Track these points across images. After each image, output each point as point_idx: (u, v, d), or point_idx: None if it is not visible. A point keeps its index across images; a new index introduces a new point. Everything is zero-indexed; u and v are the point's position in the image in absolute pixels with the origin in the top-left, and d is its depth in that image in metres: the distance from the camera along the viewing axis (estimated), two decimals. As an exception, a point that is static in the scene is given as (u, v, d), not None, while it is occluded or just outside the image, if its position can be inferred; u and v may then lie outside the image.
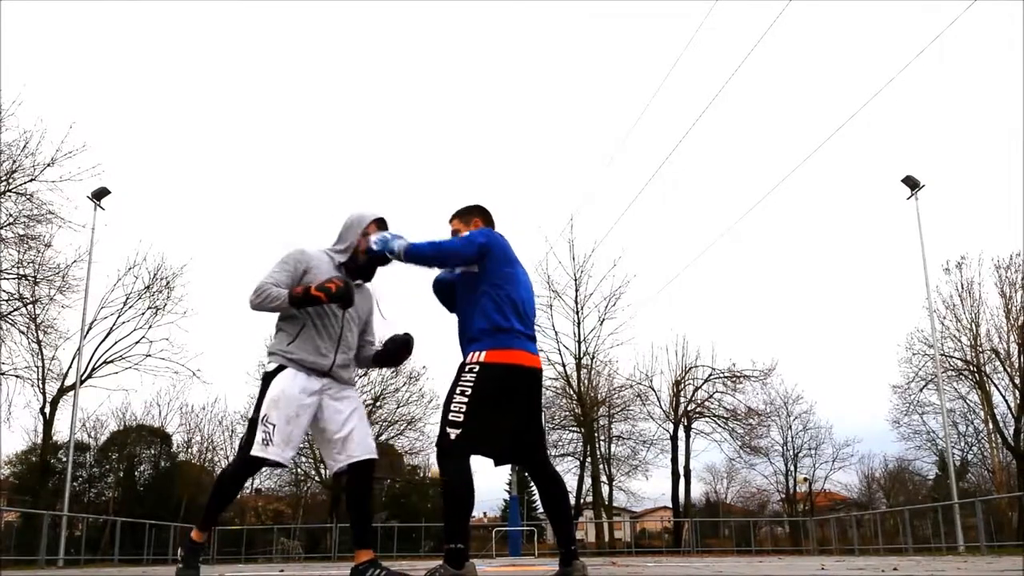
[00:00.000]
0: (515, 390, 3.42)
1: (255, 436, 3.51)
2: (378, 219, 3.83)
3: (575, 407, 28.79)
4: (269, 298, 3.56)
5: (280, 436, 3.48)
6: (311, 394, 3.58)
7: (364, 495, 3.64)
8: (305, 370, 3.58)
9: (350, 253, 3.79)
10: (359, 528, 3.65)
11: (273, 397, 3.52)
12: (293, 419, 3.51)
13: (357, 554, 3.63)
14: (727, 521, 33.66)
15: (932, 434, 27.88)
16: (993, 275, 25.35)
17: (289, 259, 3.67)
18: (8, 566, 16.25)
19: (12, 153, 17.62)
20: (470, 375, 3.37)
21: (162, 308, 23.61)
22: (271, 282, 3.58)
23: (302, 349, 3.59)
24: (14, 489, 27.90)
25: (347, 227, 3.83)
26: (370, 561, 3.58)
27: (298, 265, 3.65)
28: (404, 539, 26.83)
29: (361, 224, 3.80)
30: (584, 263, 28.20)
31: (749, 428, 30.46)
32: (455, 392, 3.37)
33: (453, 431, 3.30)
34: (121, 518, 22.17)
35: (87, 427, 28.48)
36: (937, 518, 21.10)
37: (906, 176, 21.78)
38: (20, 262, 18.77)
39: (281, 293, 3.56)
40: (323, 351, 3.63)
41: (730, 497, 37.79)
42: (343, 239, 3.82)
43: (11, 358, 20.63)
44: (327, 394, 3.64)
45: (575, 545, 3.54)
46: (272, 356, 3.64)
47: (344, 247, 3.80)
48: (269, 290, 3.56)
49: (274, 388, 3.54)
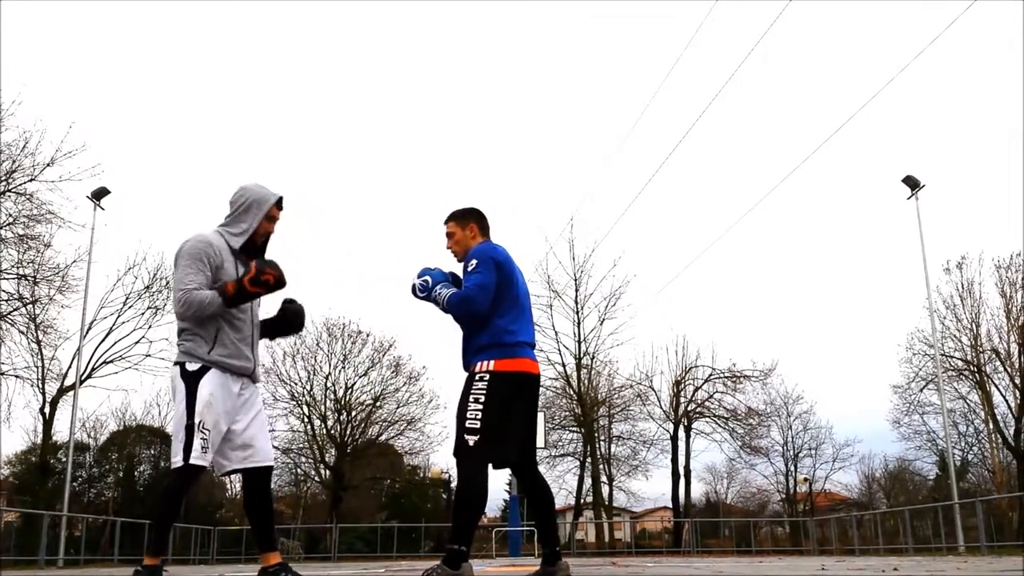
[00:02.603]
0: (522, 397, 3.52)
1: (192, 443, 3.31)
2: (279, 199, 3.58)
3: (575, 407, 28.77)
4: (201, 307, 3.32)
5: (212, 441, 3.37)
6: (233, 397, 3.47)
7: (265, 499, 3.57)
8: (231, 372, 3.45)
9: (246, 237, 3.50)
10: (263, 531, 3.58)
11: (205, 401, 3.34)
12: (219, 422, 3.39)
13: (264, 557, 3.53)
14: (727, 521, 33.67)
15: (932, 434, 27.92)
16: (993, 275, 25.39)
17: (200, 255, 3.37)
18: (8, 566, 16.24)
19: (12, 153, 17.62)
20: (481, 383, 3.43)
21: (162, 308, 23.60)
22: (193, 286, 3.32)
23: (224, 355, 3.42)
24: (14, 489, 27.91)
25: (244, 207, 3.51)
26: (280, 565, 3.51)
27: (211, 261, 3.39)
28: (404, 539, 26.81)
29: (262, 207, 3.52)
30: (584, 263, 28.23)
31: (749, 428, 30.48)
32: (469, 400, 3.42)
33: (471, 438, 3.35)
34: (121, 518, 22.14)
35: (87, 427, 28.56)
36: (937, 518, 21.08)
37: (906, 176, 21.77)
38: (20, 262, 18.77)
39: (211, 296, 3.33)
40: (245, 354, 3.50)
41: (730, 497, 37.85)
42: (240, 220, 3.50)
43: (11, 358, 20.64)
44: (243, 393, 3.53)
45: (559, 546, 3.65)
46: (191, 358, 3.41)
47: (240, 230, 3.50)
48: (196, 296, 3.32)
49: (203, 391, 3.35)
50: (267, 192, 3.57)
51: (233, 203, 3.56)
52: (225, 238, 3.50)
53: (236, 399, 3.48)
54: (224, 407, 3.41)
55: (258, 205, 3.52)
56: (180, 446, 3.33)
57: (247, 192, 3.55)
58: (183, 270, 3.37)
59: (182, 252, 3.41)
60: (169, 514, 3.43)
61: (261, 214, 3.52)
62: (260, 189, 3.58)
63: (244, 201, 3.53)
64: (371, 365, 29.26)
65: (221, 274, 3.42)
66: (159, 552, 3.42)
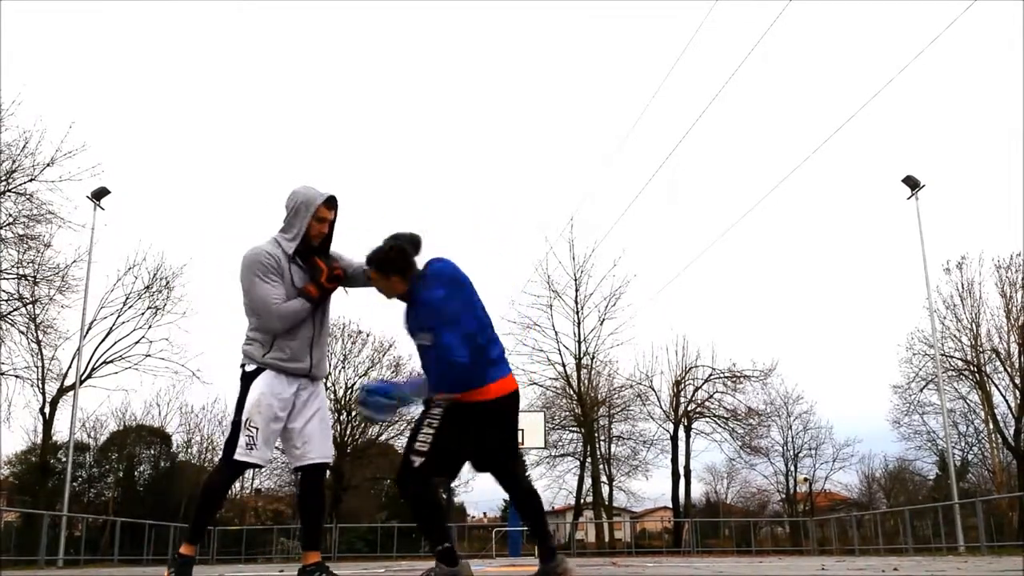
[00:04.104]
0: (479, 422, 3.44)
1: (238, 439, 3.47)
2: (328, 198, 3.58)
3: (575, 407, 28.77)
4: (296, 316, 3.49)
5: (262, 438, 3.48)
6: (290, 395, 3.57)
7: (315, 497, 3.64)
8: (286, 374, 3.56)
9: (299, 241, 3.55)
10: (309, 530, 3.64)
11: (255, 400, 3.48)
12: (273, 420, 3.50)
13: (305, 555, 3.60)
14: (727, 521, 33.66)
15: (932, 434, 27.93)
16: (993, 275, 25.40)
17: (269, 269, 3.48)
18: (8, 566, 16.24)
19: (12, 153, 17.64)
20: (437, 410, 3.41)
21: (162, 308, 23.63)
22: (279, 300, 3.46)
23: (279, 358, 3.53)
24: (14, 489, 27.92)
25: (294, 212, 3.55)
26: (317, 564, 3.56)
27: (280, 270, 3.51)
28: (404, 539, 26.80)
29: (310, 209, 3.53)
30: (584, 263, 28.22)
31: (749, 428, 30.48)
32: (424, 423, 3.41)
33: (417, 459, 3.36)
34: (121, 518, 22.16)
35: (87, 427, 28.52)
36: (937, 518, 21.09)
37: (906, 176, 21.77)
38: (20, 262, 18.78)
39: (300, 304, 3.49)
40: (299, 356, 3.57)
41: (730, 497, 37.82)
42: (291, 225, 3.56)
43: (11, 358, 20.66)
44: (301, 392, 3.62)
45: (553, 543, 3.67)
46: (248, 360, 3.57)
47: (292, 235, 3.55)
48: (287, 309, 3.47)
49: (255, 390, 3.49)
50: (314, 192, 3.56)
51: (286, 208, 3.60)
52: (281, 245, 3.55)
53: (292, 399, 3.57)
54: (276, 407, 3.50)
55: (306, 207, 3.53)
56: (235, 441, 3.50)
57: (295, 196, 3.57)
58: (262, 287, 3.45)
59: (249, 268, 3.48)
60: (207, 505, 3.58)
61: (309, 216, 3.53)
62: (307, 190, 3.57)
63: (293, 205, 3.55)
64: (371, 365, 29.26)
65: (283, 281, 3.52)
66: (193, 541, 3.57)
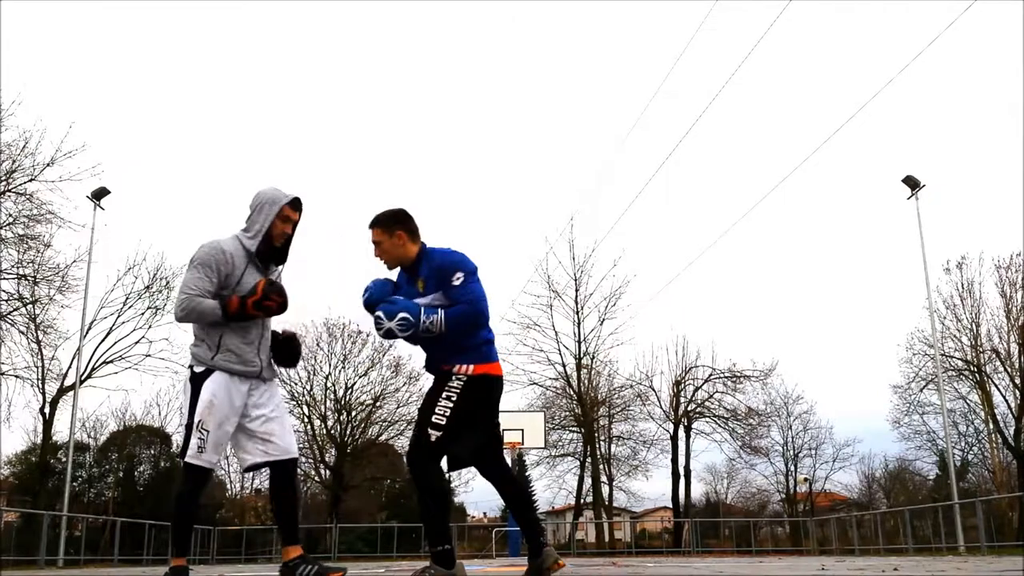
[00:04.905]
0: (489, 403, 3.56)
1: (189, 442, 3.43)
2: (292, 200, 3.60)
3: (575, 407, 28.78)
4: (200, 314, 3.42)
5: (212, 442, 3.44)
6: (242, 396, 3.53)
7: (288, 493, 3.62)
8: (237, 375, 3.52)
9: (261, 239, 3.55)
10: (285, 525, 3.63)
11: (206, 402, 3.43)
12: (224, 423, 3.46)
13: (286, 551, 3.58)
14: (727, 521, 33.65)
15: (932, 434, 27.94)
16: (993, 275, 25.43)
17: (210, 262, 3.44)
18: (8, 566, 16.24)
19: (12, 153, 17.67)
20: (457, 383, 3.44)
21: (162, 308, 23.63)
22: (196, 292, 3.40)
23: (228, 360, 3.49)
24: (14, 489, 27.90)
25: (257, 209, 3.57)
26: (300, 557, 3.55)
27: (221, 269, 3.45)
28: (404, 539, 26.81)
29: (274, 208, 3.55)
30: (584, 263, 28.28)
31: (749, 428, 30.50)
32: (439, 397, 3.42)
33: (434, 432, 3.36)
34: (121, 518, 22.13)
35: (87, 427, 28.52)
36: (937, 518, 21.10)
37: (906, 176, 21.77)
38: (20, 262, 18.80)
39: (212, 307, 3.41)
40: (249, 359, 3.55)
41: (730, 497, 37.83)
42: (253, 223, 3.57)
43: (11, 358, 20.66)
44: (253, 392, 3.59)
45: (543, 537, 3.68)
46: (196, 362, 3.53)
47: (254, 232, 3.55)
48: (198, 303, 3.40)
49: (206, 392, 3.44)
50: (279, 193, 3.60)
51: (250, 208, 3.61)
52: (242, 243, 3.55)
53: (245, 398, 3.54)
54: (228, 407, 3.47)
55: (270, 205, 3.56)
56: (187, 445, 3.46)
57: (260, 195, 3.60)
58: (191, 274, 3.45)
59: (194, 257, 3.47)
60: (181, 515, 3.55)
61: (273, 214, 3.55)
62: (272, 191, 3.61)
63: (257, 203, 3.58)
64: (371, 365, 29.33)
65: (230, 281, 3.47)
66: (182, 553, 3.55)
